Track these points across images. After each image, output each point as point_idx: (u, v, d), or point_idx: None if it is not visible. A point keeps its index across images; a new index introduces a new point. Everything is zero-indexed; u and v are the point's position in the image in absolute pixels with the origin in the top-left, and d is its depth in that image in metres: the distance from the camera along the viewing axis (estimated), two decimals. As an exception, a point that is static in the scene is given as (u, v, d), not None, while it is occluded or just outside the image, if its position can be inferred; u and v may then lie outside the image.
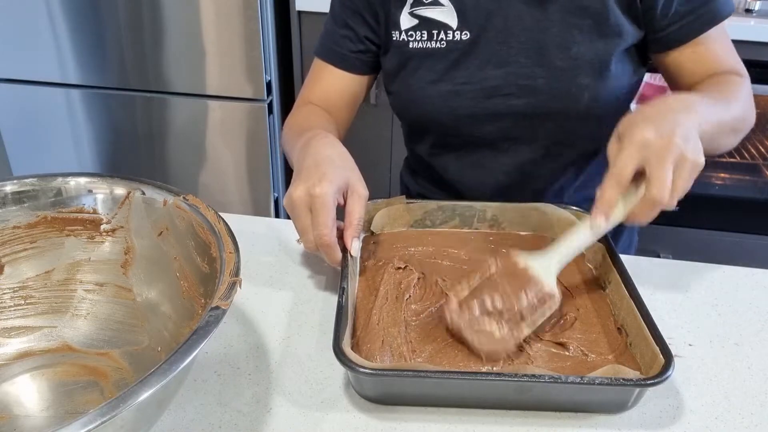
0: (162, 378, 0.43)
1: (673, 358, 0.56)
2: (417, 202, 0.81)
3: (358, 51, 0.91)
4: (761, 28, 1.57)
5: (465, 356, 0.62)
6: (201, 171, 1.91)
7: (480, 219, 0.81)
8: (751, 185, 1.96)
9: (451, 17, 0.84)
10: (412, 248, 0.78)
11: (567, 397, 0.58)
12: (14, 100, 1.88)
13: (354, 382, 0.60)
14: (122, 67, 1.78)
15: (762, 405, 0.61)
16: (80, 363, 0.64)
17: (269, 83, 1.75)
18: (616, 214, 0.63)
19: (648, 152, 0.61)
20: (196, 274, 0.61)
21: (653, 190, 0.60)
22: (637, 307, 0.63)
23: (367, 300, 0.68)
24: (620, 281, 0.68)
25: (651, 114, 0.64)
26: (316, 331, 0.68)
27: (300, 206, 0.67)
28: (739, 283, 0.78)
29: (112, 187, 0.66)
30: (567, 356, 0.62)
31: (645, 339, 0.60)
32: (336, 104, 0.94)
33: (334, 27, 0.92)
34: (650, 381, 0.55)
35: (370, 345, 0.62)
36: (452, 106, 0.87)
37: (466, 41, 0.84)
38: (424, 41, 0.86)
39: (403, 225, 0.81)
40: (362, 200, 0.70)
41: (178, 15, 1.68)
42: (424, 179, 1.02)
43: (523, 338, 0.62)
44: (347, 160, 0.73)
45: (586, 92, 0.83)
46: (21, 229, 0.65)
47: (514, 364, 0.60)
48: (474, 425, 0.58)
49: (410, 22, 0.86)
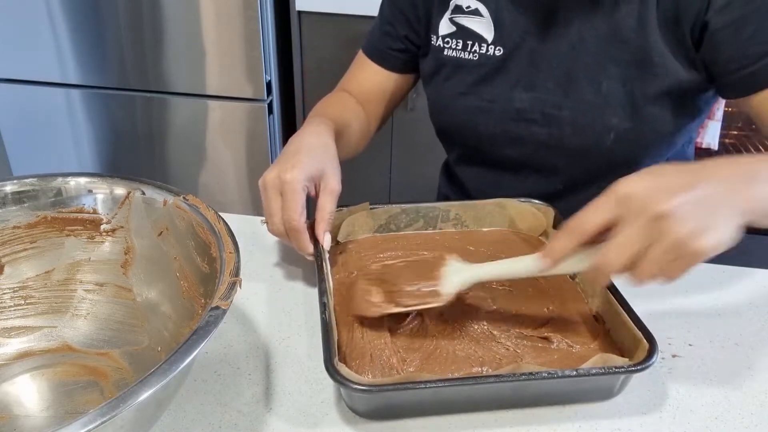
0: (162, 378, 0.43)
1: (656, 341, 0.57)
2: (381, 207, 0.79)
3: (397, 49, 0.91)
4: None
5: (454, 358, 0.61)
6: (201, 171, 1.91)
7: (443, 219, 0.81)
8: (751, 185, 1.95)
9: (488, 30, 0.82)
10: (380, 254, 0.76)
11: (561, 389, 0.59)
12: (14, 100, 1.88)
13: (348, 399, 0.58)
14: (122, 67, 1.78)
15: (762, 405, 0.61)
16: (80, 363, 0.64)
17: (269, 83, 1.75)
18: (567, 266, 0.56)
19: (624, 209, 0.49)
20: (196, 274, 0.61)
21: (600, 254, 0.50)
22: (611, 293, 0.65)
23: (346, 314, 0.66)
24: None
25: (664, 170, 0.50)
26: (316, 331, 0.68)
27: (270, 189, 0.68)
28: (739, 283, 0.78)
29: (112, 187, 0.66)
30: (553, 349, 0.63)
31: (624, 324, 0.62)
32: (368, 97, 0.94)
33: (380, 23, 0.93)
34: (640, 366, 0.56)
35: (358, 361, 0.60)
36: (476, 122, 0.86)
37: (499, 57, 0.82)
38: (458, 50, 0.85)
39: (367, 231, 0.80)
40: (334, 195, 0.71)
41: (178, 15, 1.68)
42: (453, 184, 1.02)
43: (389, 312, 0.63)
44: (328, 152, 0.73)
45: (612, 132, 0.78)
46: (21, 229, 0.65)
47: (502, 364, 0.61)
48: (473, 425, 0.58)
49: (449, 28, 0.85)
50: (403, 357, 0.61)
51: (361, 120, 0.91)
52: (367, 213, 0.79)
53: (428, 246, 0.78)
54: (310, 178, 0.69)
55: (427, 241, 0.79)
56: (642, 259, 0.48)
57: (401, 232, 0.80)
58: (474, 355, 0.62)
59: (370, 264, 0.74)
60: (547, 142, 0.83)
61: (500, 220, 0.81)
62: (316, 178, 0.70)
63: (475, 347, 0.63)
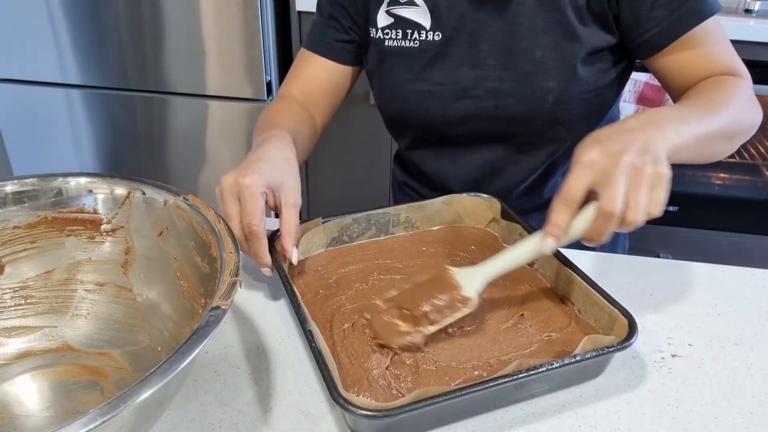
0: (162, 378, 0.43)
1: (630, 314, 0.61)
2: (332, 219, 0.78)
3: (343, 41, 0.93)
4: (761, 28, 1.57)
5: (446, 369, 0.61)
6: (201, 171, 1.91)
7: (394, 223, 0.81)
8: (750, 185, 1.96)
9: (424, 18, 0.86)
10: (342, 269, 0.75)
11: (559, 377, 0.60)
12: (14, 100, 1.88)
13: (353, 423, 0.56)
14: (122, 67, 1.78)
15: (762, 405, 0.61)
16: (80, 363, 0.64)
17: (269, 83, 1.76)
18: (568, 235, 0.61)
19: (595, 171, 0.59)
20: (196, 274, 0.61)
21: (603, 204, 0.58)
22: (576, 274, 0.67)
23: (326, 340, 0.63)
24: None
25: (601, 136, 0.62)
26: (316, 331, 0.68)
27: (227, 193, 0.68)
28: (739, 283, 0.78)
29: (112, 187, 0.66)
30: (535, 341, 0.64)
31: (596, 304, 0.64)
32: (316, 95, 0.95)
33: (321, 18, 0.94)
34: (628, 342, 0.59)
35: (357, 388, 0.58)
36: (426, 105, 0.89)
37: (438, 42, 0.86)
38: (399, 40, 0.88)
39: (321, 246, 0.78)
40: (296, 208, 0.70)
41: (178, 15, 1.68)
42: (408, 171, 1.05)
43: (428, 333, 0.63)
44: (289, 165, 0.73)
45: (550, 95, 0.84)
46: (21, 229, 0.65)
47: (493, 365, 0.61)
48: (474, 427, 0.58)
49: (386, 20, 0.88)
50: (395, 374, 0.60)
51: (309, 126, 0.92)
52: (320, 228, 0.77)
53: (384, 254, 0.78)
54: (268, 185, 0.68)
55: (382, 249, 0.79)
56: (630, 200, 0.58)
57: (354, 242, 0.80)
58: (464, 360, 0.62)
59: (331, 280, 0.73)
60: (495, 114, 0.87)
61: (448, 217, 0.83)
62: (275, 188, 0.70)
63: (458, 354, 0.63)
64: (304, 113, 0.92)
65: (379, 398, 0.57)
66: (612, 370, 0.63)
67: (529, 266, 0.75)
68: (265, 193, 0.68)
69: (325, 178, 1.92)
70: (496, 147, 0.92)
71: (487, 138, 0.91)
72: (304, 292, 0.71)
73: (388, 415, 0.52)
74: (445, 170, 0.96)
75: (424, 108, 0.89)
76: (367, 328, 0.65)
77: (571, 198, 0.60)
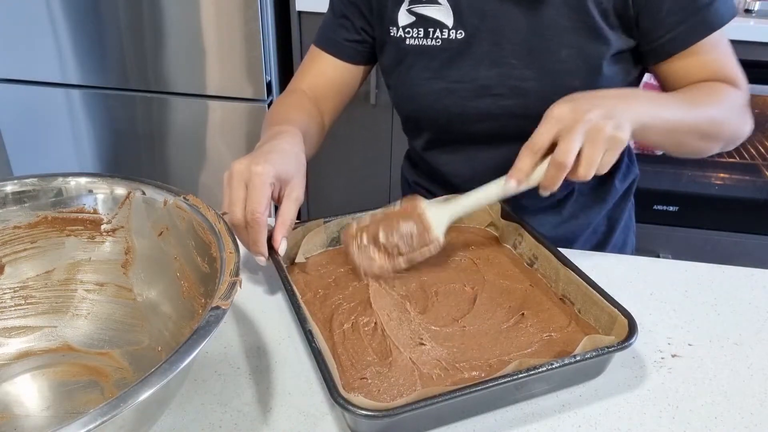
0: (162, 378, 0.43)
1: (630, 313, 0.61)
2: (333, 219, 0.78)
3: (354, 40, 0.93)
4: (761, 28, 1.57)
5: (443, 369, 0.60)
6: (201, 171, 1.91)
7: None
8: (750, 185, 1.96)
9: (447, 16, 0.86)
10: (341, 269, 0.74)
11: (560, 377, 0.60)
12: (14, 100, 1.88)
13: (353, 423, 0.56)
14: (122, 67, 1.78)
15: (762, 405, 0.61)
16: (80, 363, 0.64)
17: (269, 83, 1.76)
18: (530, 180, 0.69)
19: (561, 125, 0.66)
20: (196, 274, 0.61)
21: (556, 154, 0.65)
22: (576, 274, 0.67)
23: (326, 341, 0.62)
24: (548, 254, 0.72)
25: (576, 95, 0.68)
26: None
27: (237, 178, 0.69)
28: (739, 283, 0.78)
29: (112, 187, 0.66)
30: (536, 340, 0.64)
31: (595, 303, 0.64)
32: (324, 92, 0.95)
33: (332, 17, 0.94)
34: (628, 342, 0.59)
35: (357, 388, 0.58)
36: (445, 103, 0.88)
37: (461, 40, 0.85)
38: (420, 38, 0.87)
39: (321, 246, 0.78)
40: (297, 203, 0.72)
41: (178, 15, 1.68)
42: (421, 171, 1.04)
43: (399, 269, 0.71)
44: (299, 161, 0.74)
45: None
46: (21, 229, 0.65)
47: (492, 365, 0.61)
48: (474, 427, 0.58)
49: (408, 19, 0.87)
50: (395, 374, 0.60)
51: (318, 124, 0.92)
52: (322, 228, 0.78)
53: None
54: (278, 176, 0.69)
55: None
56: (585, 156, 0.65)
57: None
58: (464, 360, 0.61)
59: (330, 280, 0.73)
60: (516, 113, 0.87)
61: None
62: (283, 181, 0.71)
63: (459, 354, 0.62)
64: (314, 110, 0.92)
65: (379, 398, 0.57)
66: (612, 370, 0.63)
67: (529, 266, 0.75)
68: (272, 183, 0.69)
69: (326, 177, 1.92)
70: (515, 145, 0.90)
71: (506, 136, 0.89)
72: (304, 292, 0.71)
73: (388, 415, 0.52)
74: (462, 170, 0.95)
75: (443, 106, 0.89)
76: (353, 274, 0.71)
77: (536, 147, 0.67)
